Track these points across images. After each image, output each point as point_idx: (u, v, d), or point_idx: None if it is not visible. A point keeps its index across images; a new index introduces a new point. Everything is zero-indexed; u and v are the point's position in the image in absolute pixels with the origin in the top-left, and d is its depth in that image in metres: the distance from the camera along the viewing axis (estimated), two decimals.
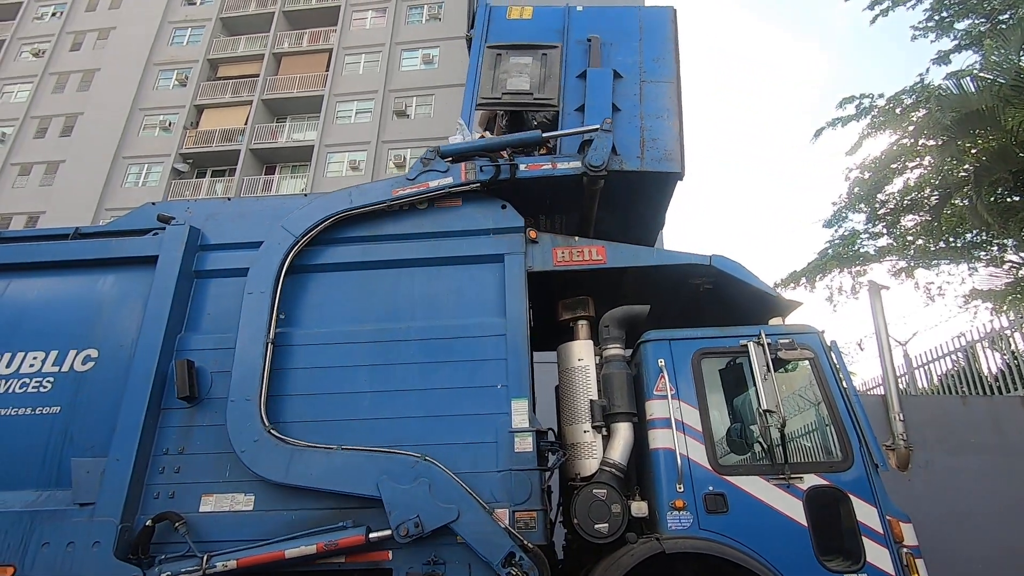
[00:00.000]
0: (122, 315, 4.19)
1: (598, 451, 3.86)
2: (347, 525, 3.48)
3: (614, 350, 4.14)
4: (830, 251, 15.52)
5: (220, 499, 3.66)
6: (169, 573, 3.40)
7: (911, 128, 14.21)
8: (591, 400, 3.98)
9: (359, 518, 3.52)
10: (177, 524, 3.52)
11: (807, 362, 3.86)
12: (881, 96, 14.96)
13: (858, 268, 15.39)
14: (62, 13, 27.01)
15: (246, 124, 23.18)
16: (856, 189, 15.40)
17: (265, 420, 3.68)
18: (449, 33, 22.72)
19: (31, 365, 4.05)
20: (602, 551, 3.59)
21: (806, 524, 3.42)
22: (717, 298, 4.53)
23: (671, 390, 3.79)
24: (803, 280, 15.80)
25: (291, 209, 4.38)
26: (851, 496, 3.47)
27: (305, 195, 4.65)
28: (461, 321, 4.05)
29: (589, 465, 3.84)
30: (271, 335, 3.90)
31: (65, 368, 4.04)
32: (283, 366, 3.98)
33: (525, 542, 3.43)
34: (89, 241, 4.49)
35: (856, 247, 15.30)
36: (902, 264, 15.07)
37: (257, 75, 24.20)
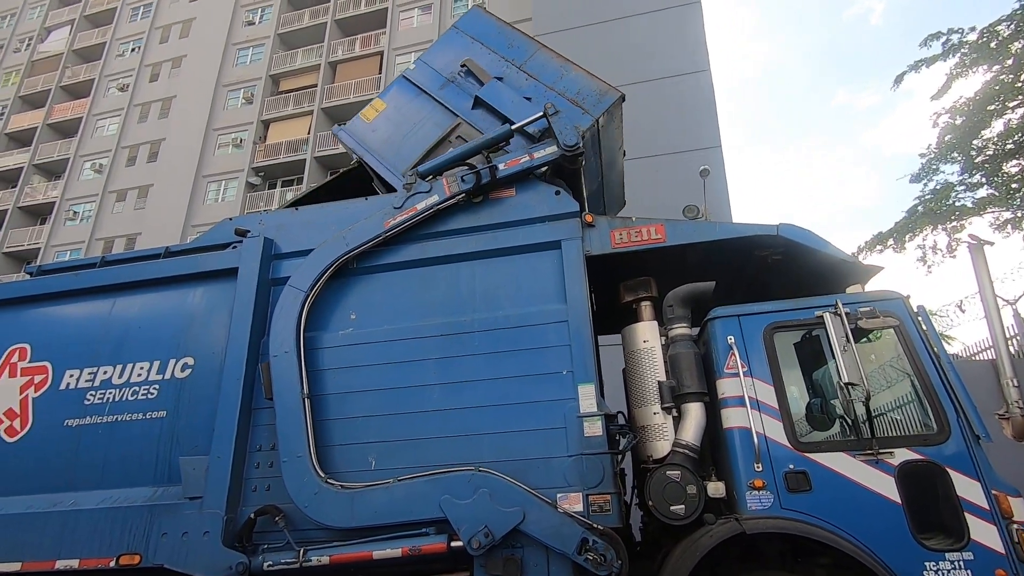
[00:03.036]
0: (212, 324, 4.53)
1: (669, 433, 3.81)
2: (429, 532, 3.61)
3: (680, 329, 4.04)
4: (920, 208, 14.27)
5: None
6: (271, 562, 3.68)
7: (1010, 62, 12.78)
8: (659, 381, 3.92)
9: (440, 523, 3.62)
10: (277, 517, 3.81)
11: (892, 330, 3.61)
12: (972, 30, 13.53)
13: (954, 223, 14.07)
14: (140, 48, 29.22)
15: (309, 133, 24.24)
16: (947, 137, 14.05)
17: (320, 471, 3.80)
18: None
19: (139, 375, 4.48)
20: (680, 533, 3.55)
21: (899, 501, 3.22)
22: (787, 269, 4.31)
23: (743, 367, 3.67)
24: (890, 242, 14.65)
25: (352, 213, 4.57)
26: (949, 470, 3.24)
27: (366, 199, 4.79)
28: (522, 310, 4.08)
29: (661, 447, 3.80)
30: (305, 390, 4.01)
31: (167, 376, 4.43)
32: (353, 363, 4.17)
33: (596, 525, 3.44)
34: (178, 259, 4.88)
35: (951, 201, 13.99)
36: (1007, 215, 13.65)
37: (315, 85, 25.20)
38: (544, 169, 4.48)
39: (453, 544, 3.53)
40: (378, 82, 24.10)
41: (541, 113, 4.50)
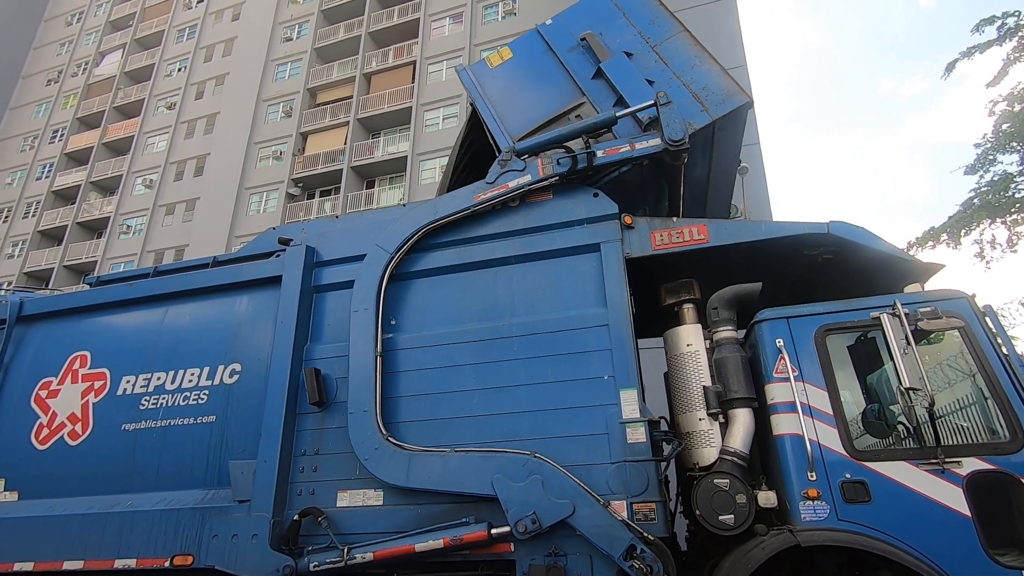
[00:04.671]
0: (257, 331, 4.65)
1: (716, 439, 3.69)
2: (470, 521, 3.61)
3: (725, 333, 3.92)
4: (977, 200, 13.58)
5: (353, 495, 3.95)
6: (316, 563, 3.73)
7: None
8: (705, 386, 3.81)
9: (480, 513, 3.64)
10: (320, 519, 3.87)
11: (956, 332, 3.41)
12: None
13: (1015, 216, 13.33)
14: (186, 67, 30.48)
15: (345, 144, 24.76)
16: (1005, 125, 13.34)
17: (383, 429, 3.88)
18: (525, 26, 22.67)
19: (190, 380, 4.63)
20: (729, 544, 3.43)
21: (969, 513, 3.03)
22: (837, 269, 4.14)
23: (793, 371, 3.52)
24: (944, 237, 13.98)
25: (391, 220, 4.61)
26: None
27: (404, 204, 4.84)
28: (561, 314, 4.04)
29: (708, 454, 3.68)
30: (379, 348, 4.10)
31: (216, 381, 4.57)
32: (394, 369, 4.19)
33: (646, 534, 3.36)
34: (225, 268, 5.03)
35: (1010, 192, 13.27)
36: None
37: (351, 97, 25.74)
38: (645, 162, 4.34)
39: (494, 531, 3.53)
40: (411, 91, 24.47)
41: (652, 101, 4.27)
